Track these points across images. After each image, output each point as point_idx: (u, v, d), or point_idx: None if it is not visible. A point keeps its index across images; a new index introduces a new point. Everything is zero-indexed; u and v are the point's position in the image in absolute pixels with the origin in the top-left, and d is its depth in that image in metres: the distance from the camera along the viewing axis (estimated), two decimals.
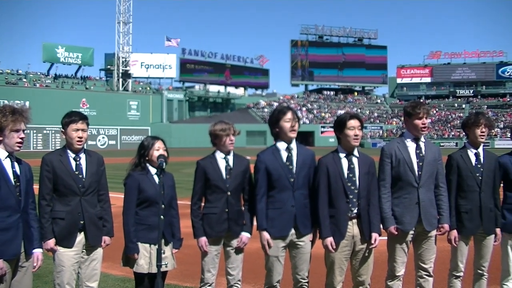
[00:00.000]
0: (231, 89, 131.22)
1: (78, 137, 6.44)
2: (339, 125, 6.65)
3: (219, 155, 6.89)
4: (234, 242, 6.88)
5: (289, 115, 6.66)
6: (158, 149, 6.62)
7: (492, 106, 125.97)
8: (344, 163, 6.63)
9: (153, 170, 6.61)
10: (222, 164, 6.84)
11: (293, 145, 6.76)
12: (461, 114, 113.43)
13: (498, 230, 7.30)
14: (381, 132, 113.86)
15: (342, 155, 6.66)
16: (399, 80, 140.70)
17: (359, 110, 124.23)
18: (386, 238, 6.96)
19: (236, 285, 6.94)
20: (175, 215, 6.84)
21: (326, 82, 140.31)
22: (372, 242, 6.60)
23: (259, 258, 6.93)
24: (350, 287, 6.96)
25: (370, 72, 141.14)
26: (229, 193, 6.77)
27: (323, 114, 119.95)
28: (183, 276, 9.24)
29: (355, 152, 6.70)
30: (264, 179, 6.63)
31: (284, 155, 6.69)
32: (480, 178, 7.18)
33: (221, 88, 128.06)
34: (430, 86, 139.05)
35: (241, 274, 7.01)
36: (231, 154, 6.96)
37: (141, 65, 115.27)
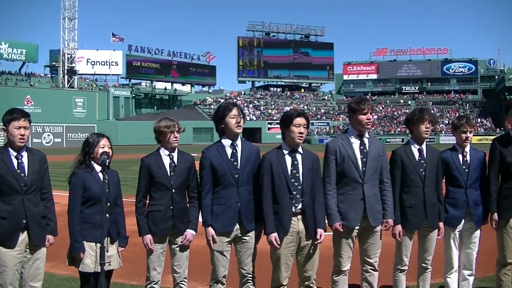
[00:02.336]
0: (178, 86, 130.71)
1: (20, 135, 6.31)
2: (286, 121, 6.66)
3: (164, 152, 6.87)
4: (179, 240, 6.85)
5: (234, 111, 6.68)
6: (103, 147, 6.53)
7: (437, 103, 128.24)
8: (288, 159, 6.66)
9: (97, 168, 6.51)
10: (166, 161, 6.82)
11: (238, 141, 6.78)
12: (407, 111, 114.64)
13: (441, 224, 7.39)
14: (327, 128, 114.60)
15: (285, 151, 6.69)
16: (345, 77, 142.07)
17: (306, 107, 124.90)
18: (331, 233, 7.00)
19: (182, 282, 6.93)
20: (121, 213, 6.78)
21: (273, 79, 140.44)
22: (318, 237, 6.63)
23: (206, 255, 6.91)
24: (296, 282, 6.98)
25: (317, 72, 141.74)
26: (173, 190, 6.75)
27: (270, 111, 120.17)
28: (130, 275, 9.18)
29: (299, 149, 6.73)
30: (209, 176, 6.64)
31: (229, 151, 6.71)
32: (424, 173, 7.26)
33: (168, 85, 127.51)
34: (376, 82, 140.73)
35: (187, 272, 7.00)
36: (176, 151, 6.94)
37: (87, 62, 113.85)
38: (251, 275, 6.79)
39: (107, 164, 6.25)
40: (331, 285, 7.12)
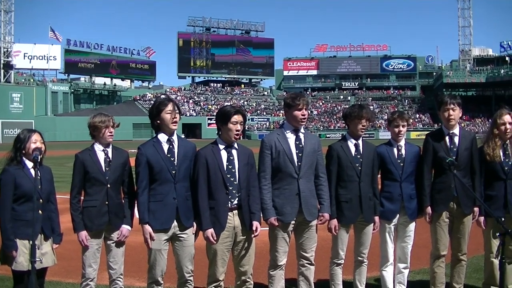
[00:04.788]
0: (118, 81, 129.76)
1: None
2: (223, 118, 6.64)
3: (98, 148, 6.79)
4: (115, 235, 6.79)
5: (170, 106, 6.63)
6: (35, 142, 6.39)
7: (376, 98, 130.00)
8: (224, 155, 6.65)
9: (29, 164, 6.38)
10: (101, 157, 6.75)
11: (174, 137, 6.74)
12: (347, 106, 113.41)
13: (376, 218, 7.49)
14: (267, 124, 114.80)
15: (221, 147, 6.68)
16: (285, 73, 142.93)
17: (246, 102, 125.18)
18: (268, 228, 7.01)
19: (118, 279, 6.87)
20: (54, 210, 6.66)
21: (213, 75, 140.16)
22: (254, 229, 6.67)
23: (143, 251, 6.86)
24: (233, 277, 6.98)
25: (257, 68, 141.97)
26: (108, 185, 6.69)
27: (210, 106, 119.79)
28: (66, 272, 9.02)
29: (235, 144, 6.73)
30: (146, 172, 6.56)
31: (165, 147, 6.65)
32: (360, 168, 7.32)
33: (107, 80, 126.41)
34: (316, 78, 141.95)
35: (123, 268, 6.94)
36: (110, 146, 6.86)
37: (24, 56, 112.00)
38: (190, 274, 6.75)
39: (39, 160, 6.12)
40: (267, 279, 7.14)
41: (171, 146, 6.66)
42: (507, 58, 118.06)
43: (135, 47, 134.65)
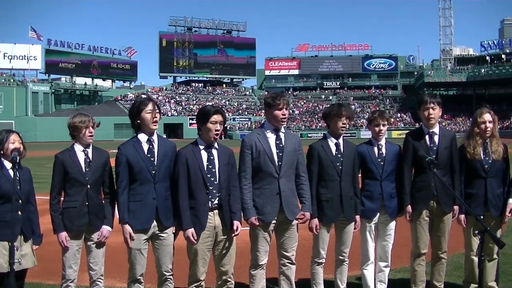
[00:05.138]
0: (99, 81, 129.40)
1: None
2: (202, 118, 6.64)
3: (78, 148, 6.76)
4: (95, 236, 6.76)
5: (150, 106, 6.63)
6: (13, 142, 6.36)
7: (358, 98, 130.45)
8: (204, 155, 6.65)
9: (8, 165, 6.34)
10: (81, 157, 6.71)
11: (155, 137, 6.73)
12: (328, 106, 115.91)
13: (357, 217, 7.51)
14: (249, 123, 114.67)
15: (201, 147, 6.68)
16: (267, 72, 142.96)
17: (227, 102, 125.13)
18: (248, 228, 7.03)
19: (99, 280, 6.85)
20: (34, 211, 6.63)
21: (195, 75, 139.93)
22: (234, 228, 6.67)
23: (123, 252, 6.83)
24: (214, 277, 6.98)
25: (239, 67, 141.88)
26: (89, 186, 6.65)
27: (191, 106, 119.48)
28: (46, 274, 8.96)
29: (215, 144, 6.73)
30: (126, 172, 6.55)
31: (145, 147, 6.64)
32: (340, 167, 7.34)
33: (88, 80, 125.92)
34: (298, 78, 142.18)
35: (104, 269, 6.92)
36: (91, 146, 6.83)
37: (4, 56, 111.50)
38: (170, 273, 6.75)
39: (18, 160, 6.09)
40: (248, 279, 7.15)
41: (151, 146, 6.65)
42: (487, 58, 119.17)
43: (116, 47, 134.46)
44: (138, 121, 6.65)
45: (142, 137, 6.68)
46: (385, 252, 7.72)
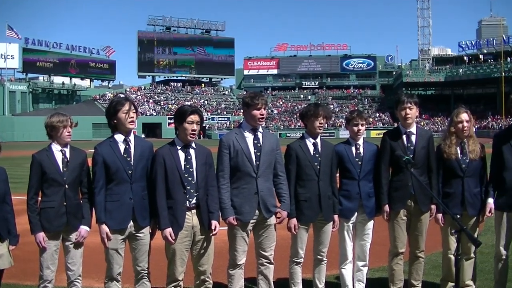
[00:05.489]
0: (77, 81, 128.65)
1: None
2: (179, 117, 6.66)
3: (56, 148, 6.71)
4: (73, 236, 6.73)
5: (126, 106, 6.62)
6: None
7: (336, 98, 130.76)
8: (181, 154, 6.67)
9: None
10: (58, 157, 6.67)
11: (131, 137, 6.74)
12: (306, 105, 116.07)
13: (336, 217, 7.54)
14: (228, 123, 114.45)
15: (179, 146, 6.70)
16: (246, 72, 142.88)
17: (206, 102, 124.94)
18: (226, 227, 7.04)
19: (77, 280, 6.82)
20: (10, 211, 6.58)
21: (174, 74, 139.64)
22: (212, 228, 6.68)
23: (101, 252, 6.81)
24: (192, 277, 6.99)
25: (217, 67, 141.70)
26: (66, 186, 6.61)
27: (170, 106, 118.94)
28: (23, 275, 8.91)
29: (192, 144, 6.75)
30: (102, 172, 6.55)
31: (122, 147, 6.65)
32: (318, 167, 7.36)
33: (66, 80, 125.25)
34: (276, 77, 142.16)
35: (82, 269, 6.89)
36: (68, 146, 6.80)
37: None
38: (146, 272, 6.77)
39: None
40: (227, 279, 7.17)
41: (127, 146, 6.66)
42: (465, 58, 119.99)
43: (94, 46, 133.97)
44: (115, 121, 6.64)
45: (119, 137, 6.68)
46: (363, 251, 7.75)
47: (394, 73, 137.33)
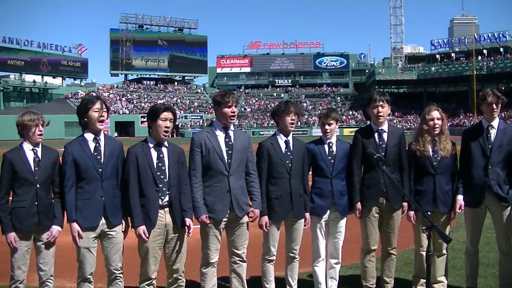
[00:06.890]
0: (49, 79, 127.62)
1: None
2: (152, 115, 6.69)
3: (27, 147, 6.67)
4: (45, 236, 6.68)
5: (97, 105, 6.62)
6: None
7: (310, 96, 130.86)
8: (153, 153, 6.69)
9: None
10: (30, 156, 6.62)
11: (101, 135, 6.74)
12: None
13: (307, 215, 7.58)
14: (201, 121, 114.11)
15: (151, 145, 6.72)
16: (219, 70, 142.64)
17: (179, 100, 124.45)
18: (199, 226, 7.04)
19: (49, 280, 6.79)
20: None
21: (146, 72, 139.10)
22: (187, 225, 6.71)
23: (73, 252, 6.77)
24: (165, 275, 7.00)
25: (190, 65, 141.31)
26: (38, 185, 6.57)
27: (143, 104, 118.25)
28: None
29: (165, 142, 6.76)
30: (72, 170, 6.54)
31: (92, 145, 6.65)
32: (290, 165, 7.39)
33: (38, 78, 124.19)
34: (249, 76, 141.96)
35: (53, 269, 6.85)
36: (40, 145, 6.75)
37: None
38: (120, 271, 6.76)
39: None
40: (199, 277, 7.17)
41: (97, 145, 6.66)
42: (437, 56, 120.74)
43: (66, 44, 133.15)
44: (85, 119, 6.64)
45: (89, 135, 6.68)
46: (335, 249, 7.78)
47: (367, 71, 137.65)
